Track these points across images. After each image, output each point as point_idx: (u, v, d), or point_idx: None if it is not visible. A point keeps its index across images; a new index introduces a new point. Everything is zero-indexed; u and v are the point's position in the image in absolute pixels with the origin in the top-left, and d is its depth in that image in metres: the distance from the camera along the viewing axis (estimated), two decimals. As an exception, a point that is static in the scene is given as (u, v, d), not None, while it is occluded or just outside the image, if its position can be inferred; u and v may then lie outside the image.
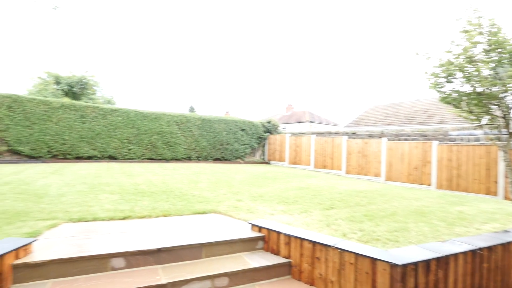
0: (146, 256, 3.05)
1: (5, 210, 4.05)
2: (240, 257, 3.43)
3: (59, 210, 4.27)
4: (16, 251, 2.64)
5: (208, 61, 80.00)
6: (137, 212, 4.49)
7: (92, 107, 14.55)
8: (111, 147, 14.74)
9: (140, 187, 6.71)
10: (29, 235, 3.18)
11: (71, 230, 3.56)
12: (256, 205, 5.41)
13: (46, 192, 5.49)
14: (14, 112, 12.31)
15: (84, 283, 2.65)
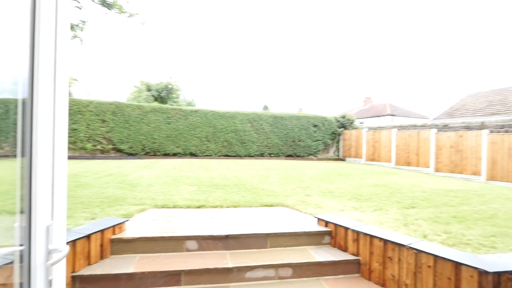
0: (215, 241, 3.27)
1: (108, 196, 4.86)
2: (305, 250, 3.38)
3: (148, 198, 4.92)
4: (113, 228, 3.14)
5: (282, 60, 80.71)
6: (211, 202, 4.84)
7: (176, 109, 16.25)
8: (192, 145, 16.21)
9: (215, 180, 7.22)
10: (124, 216, 3.75)
11: (155, 214, 4.07)
12: (325, 201, 5.24)
13: (139, 183, 6.39)
14: (116, 116, 14.66)
15: (164, 260, 3.00)
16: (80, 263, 2.72)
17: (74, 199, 4.47)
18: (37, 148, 0.91)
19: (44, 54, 0.93)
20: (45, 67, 0.93)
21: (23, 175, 0.92)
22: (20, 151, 0.92)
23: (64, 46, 1.00)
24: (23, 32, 0.90)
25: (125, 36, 54.56)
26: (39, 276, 0.91)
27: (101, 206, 4.19)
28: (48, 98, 0.95)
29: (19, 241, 0.91)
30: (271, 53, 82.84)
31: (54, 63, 0.97)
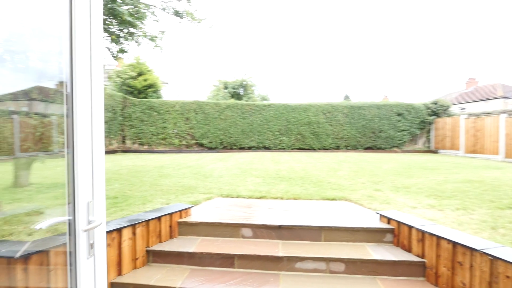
0: (269, 230, 3.39)
1: (183, 185, 5.49)
2: (363, 246, 3.20)
3: (215, 187, 5.36)
4: (180, 212, 3.58)
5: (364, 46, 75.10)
6: (272, 193, 4.98)
7: (250, 104, 16.94)
8: (265, 139, 16.70)
9: (281, 173, 7.34)
10: (192, 203, 4.20)
11: (219, 203, 4.43)
12: (396, 197, 4.79)
13: (211, 174, 6.99)
14: (198, 114, 16.17)
15: (221, 244, 3.27)
16: (152, 240, 3.20)
17: (156, 187, 5.21)
18: (77, 146, 1.16)
19: (81, 75, 1.17)
20: (82, 83, 1.17)
21: (69, 167, 1.19)
22: (66, 149, 1.19)
23: (98, 67, 1.23)
24: (66, 55, 1.16)
25: (204, 39, 59.45)
26: (82, 239, 1.17)
27: (176, 193, 4.78)
28: (86, 106, 1.20)
29: (68, 213, 1.19)
30: (352, 40, 77.78)
31: (90, 83, 1.21)
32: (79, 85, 1.17)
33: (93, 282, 1.24)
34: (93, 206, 1.22)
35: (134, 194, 4.62)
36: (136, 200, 4.21)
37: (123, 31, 5.27)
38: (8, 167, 4.95)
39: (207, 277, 2.86)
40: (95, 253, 1.24)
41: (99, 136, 1.26)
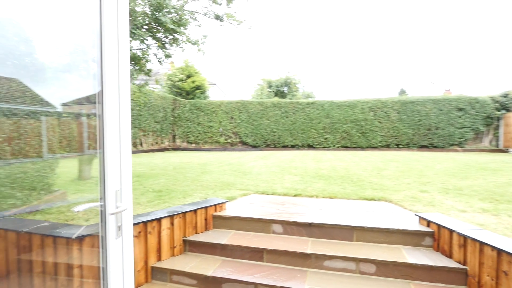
0: (299, 227, 3.42)
1: (222, 181, 5.75)
2: (398, 249, 3.05)
3: (252, 184, 5.51)
4: (215, 206, 3.79)
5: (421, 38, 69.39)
6: (308, 192, 4.96)
7: (293, 102, 16.85)
8: (309, 137, 16.47)
9: (321, 172, 7.23)
10: (228, 198, 4.40)
11: (254, 199, 4.56)
12: (444, 199, 4.43)
13: (250, 171, 7.17)
14: (241, 112, 16.58)
15: (252, 238, 3.40)
16: (189, 230, 3.46)
17: (197, 182, 5.54)
18: (107, 145, 1.37)
19: (110, 84, 1.37)
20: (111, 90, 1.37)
21: (100, 163, 1.40)
22: (98, 150, 1.40)
23: (125, 78, 1.42)
24: (97, 67, 1.37)
25: (248, 39, 60.51)
26: (111, 221, 1.38)
27: (214, 189, 5.04)
28: (114, 109, 1.40)
29: (100, 200, 1.40)
30: (409, 31, 72.32)
31: (121, 87, 1.40)
32: (108, 94, 1.37)
33: (121, 259, 1.44)
34: (120, 194, 1.42)
35: (177, 188, 4.99)
36: (178, 194, 4.54)
37: (168, 37, 5.70)
38: (74, 163, 5.66)
39: (237, 268, 3.01)
40: (122, 234, 1.44)
41: (126, 137, 1.46)
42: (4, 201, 3.66)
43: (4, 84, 4.61)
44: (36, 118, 5.01)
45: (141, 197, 4.29)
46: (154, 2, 5.17)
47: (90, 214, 3.20)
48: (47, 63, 4.89)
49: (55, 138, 5.27)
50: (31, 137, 4.72)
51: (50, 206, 3.39)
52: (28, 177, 4.39)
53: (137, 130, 13.54)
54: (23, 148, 4.60)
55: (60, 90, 5.55)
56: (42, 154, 5.33)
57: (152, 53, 5.77)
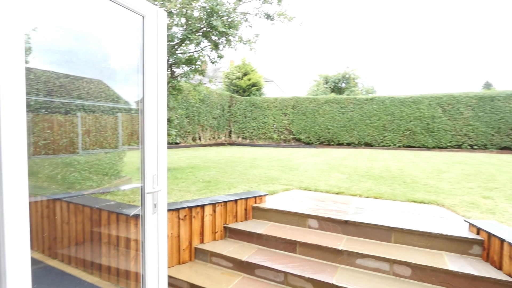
0: (335, 224, 3.44)
1: (268, 176, 5.97)
2: (440, 255, 2.88)
3: (296, 180, 5.61)
4: (255, 198, 4.02)
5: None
6: (352, 190, 4.87)
7: (350, 98, 16.19)
8: (366, 135, 15.67)
9: (372, 171, 6.93)
10: (270, 192, 4.59)
11: (295, 194, 4.67)
12: (509, 207, 3.94)
13: (297, 168, 7.24)
14: (295, 109, 16.56)
15: (287, 230, 3.54)
16: (229, 218, 3.75)
17: (243, 176, 5.86)
18: (146, 140, 1.67)
19: (150, 88, 1.67)
20: (150, 94, 1.67)
21: (141, 153, 1.71)
22: (140, 145, 1.71)
23: (162, 86, 1.71)
24: (139, 77, 1.68)
25: (304, 36, 59.39)
26: (148, 199, 1.68)
27: (259, 182, 5.28)
28: (153, 110, 1.69)
29: (140, 182, 1.71)
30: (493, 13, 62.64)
31: (158, 92, 1.70)
32: (147, 100, 1.67)
33: (156, 232, 1.74)
34: (157, 178, 1.72)
35: (224, 180, 5.37)
36: (224, 185, 4.90)
37: (220, 39, 6.10)
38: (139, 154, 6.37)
39: (270, 257, 3.19)
40: (158, 211, 1.74)
41: (162, 133, 1.76)
42: (83, 182, 4.46)
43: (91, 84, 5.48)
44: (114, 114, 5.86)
45: (191, 186, 4.75)
46: (208, 7, 5.59)
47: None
48: (117, 68, 5.68)
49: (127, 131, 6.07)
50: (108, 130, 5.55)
51: (117, 189, 4.02)
52: (102, 164, 5.22)
53: (196, 125, 14.60)
54: (98, 140, 5.47)
55: (132, 90, 6.29)
56: (117, 145, 6.21)
57: (206, 55, 6.24)
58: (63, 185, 4.31)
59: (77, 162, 5.03)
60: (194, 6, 5.76)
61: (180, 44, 5.91)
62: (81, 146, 5.39)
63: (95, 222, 3.31)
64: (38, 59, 5.14)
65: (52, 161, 4.75)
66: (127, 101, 6.27)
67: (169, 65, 5.97)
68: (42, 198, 3.79)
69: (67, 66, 5.23)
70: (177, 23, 5.78)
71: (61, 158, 4.87)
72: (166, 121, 1.78)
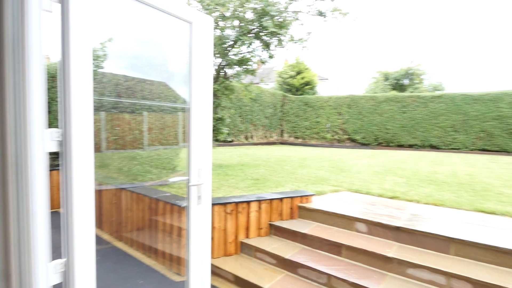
0: (385, 229, 3.25)
1: (316, 176, 5.86)
2: (509, 273, 2.52)
3: (347, 182, 5.40)
4: (301, 198, 4.00)
5: None
6: (408, 195, 4.51)
7: (413, 96, 14.90)
8: (432, 136, 14.26)
9: (434, 176, 6.31)
10: (318, 192, 4.51)
11: (344, 196, 4.51)
12: None
13: (349, 169, 6.95)
14: (351, 108, 15.84)
15: (333, 232, 3.46)
16: (274, 216, 3.80)
17: (291, 175, 5.85)
18: (191, 138, 1.81)
19: (196, 89, 1.80)
20: (196, 94, 1.81)
21: (188, 150, 1.86)
22: (188, 142, 1.86)
23: (208, 86, 1.83)
24: (188, 80, 1.82)
25: (359, 31, 56.00)
26: (193, 191, 1.82)
27: (306, 182, 5.22)
28: (199, 109, 1.83)
29: (187, 176, 1.86)
30: None
31: (204, 93, 1.83)
32: (194, 101, 1.81)
33: (200, 222, 1.88)
34: (201, 172, 1.85)
35: (272, 178, 5.43)
36: (271, 184, 4.97)
37: (271, 39, 6.17)
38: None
39: (313, 257, 3.16)
40: (201, 203, 1.87)
41: (207, 131, 1.88)
42: (145, 175, 4.94)
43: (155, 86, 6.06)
44: (175, 113, 6.35)
45: (240, 183, 4.92)
46: (260, 8, 5.70)
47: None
48: (176, 70, 6.13)
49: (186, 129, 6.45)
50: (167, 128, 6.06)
51: (169, 183, 4.38)
52: (161, 159, 5.71)
53: (249, 124, 14.96)
54: (158, 137, 5.99)
55: (187, 90, 6.64)
56: (177, 142, 6.73)
57: (257, 55, 6.37)
58: (128, 176, 4.87)
59: (140, 157, 5.62)
60: (246, 8, 5.94)
61: (233, 45, 6.14)
62: (144, 142, 6.02)
63: (153, 211, 3.66)
64: (111, 65, 5.84)
65: (120, 155, 5.40)
66: (185, 101, 6.77)
67: (222, 66, 6.26)
68: (111, 187, 4.32)
69: (134, 70, 5.88)
70: (230, 26, 6.02)
71: (127, 152, 5.50)
72: (211, 119, 1.90)
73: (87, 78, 1.22)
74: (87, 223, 1.25)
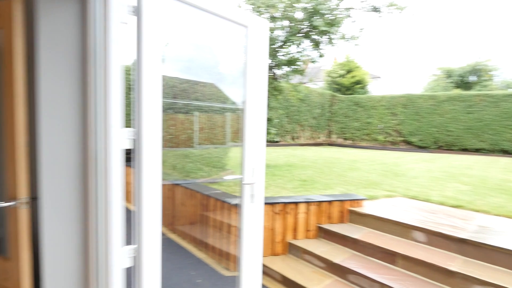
0: (447, 241, 2.98)
1: (368, 179, 5.59)
2: None
3: (402, 187, 5.05)
4: (352, 202, 3.85)
5: None
6: (475, 205, 4.07)
7: (481, 95, 13.36)
8: (504, 139, 12.65)
9: (506, 185, 5.59)
10: (369, 197, 4.30)
11: (399, 202, 4.23)
12: None
13: (404, 174, 6.49)
14: (407, 108, 14.75)
15: (387, 240, 3.27)
16: (323, 219, 3.72)
17: (341, 177, 5.66)
18: (245, 139, 1.87)
19: (251, 90, 1.85)
20: (251, 96, 1.86)
21: (242, 149, 1.92)
22: (242, 142, 1.92)
23: (263, 88, 1.87)
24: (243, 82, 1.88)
25: (418, 26, 51.06)
26: (246, 189, 1.88)
27: (357, 186, 5.01)
28: (253, 110, 1.88)
29: (240, 175, 1.92)
30: None
31: (258, 94, 1.87)
32: (248, 102, 1.86)
33: (252, 220, 1.93)
34: (255, 171, 1.90)
35: (321, 180, 5.32)
36: (320, 186, 4.87)
37: (322, 38, 6.05)
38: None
39: (365, 265, 3.02)
40: (254, 201, 1.92)
41: (261, 132, 1.93)
42: (197, 172, 5.20)
43: (205, 87, 6.39)
44: (223, 113, 6.62)
45: (288, 184, 4.91)
46: (311, 7, 5.62)
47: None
48: (226, 72, 6.36)
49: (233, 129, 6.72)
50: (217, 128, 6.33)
51: (222, 180, 4.55)
52: (211, 157, 5.96)
53: (295, 125, 14.82)
54: (209, 136, 6.25)
55: (238, 91, 6.91)
56: (225, 141, 6.99)
57: (306, 54, 6.29)
58: (182, 173, 5.18)
59: (193, 155, 5.94)
60: (296, 8, 5.91)
61: (282, 46, 6.15)
62: (195, 141, 6.35)
63: (204, 207, 3.84)
64: (168, 68, 6.25)
65: (174, 153, 5.77)
66: (234, 102, 6.99)
67: (271, 67, 6.30)
68: (167, 182, 4.64)
69: (188, 72, 6.24)
70: (279, 27, 6.04)
71: (181, 150, 5.86)
72: (265, 120, 1.94)
73: (156, 82, 1.33)
74: (155, 212, 1.37)
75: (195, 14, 1.73)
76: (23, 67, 1.50)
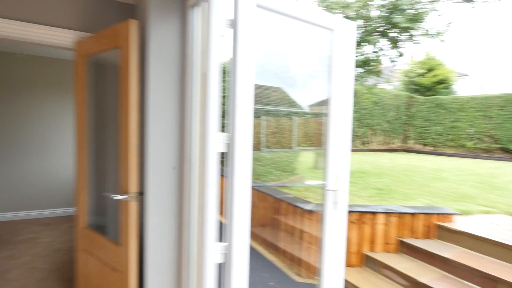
0: None
1: (457, 192, 4.92)
2: None
3: (503, 203, 4.31)
4: (439, 216, 3.44)
5: None
6: None
7: None
8: None
9: None
10: (461, 211, 3.79)
11: (500, 220, 3.61)
12: None
13: (504, 187, 5.51)
14: (504, 110, 12.58)
15: (486, 262, 2.82)
16: (404, 232, 3.41)
17: (424, 188, 5.11)
18: (329, 145, 1.83)
19: (336, 95, 1.81)
20: (336, 100, 1.81)
21: (325, 156, 1.88)
22: (325, 146, 1.89)
23: (348, 92, 1.82)
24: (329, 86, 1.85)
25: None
26: (329, 196, 1.83)
27: (445, 198, 4.46)
28: (338, 114, 1.83)
29: (323, 181, 1.88)
30: None
31: (344, 99, 1.82)
32: (332, 105, 1.82)
33: (335, 229, 1.87)
34: (338, 178, 1.84)
35: (399, 190, 4.89)
36: (398, 195, 4.48)
37: (401, 35, 5.59)
38: (312, 155, 6.95)
39: (458, 288, 2.66)
40: (337, 209, 1.86)
41: (346, 137, 1.86)
42: (267, 175, 5.30)
43: (274, 92, 6.52)
44: (290, 117, 6.66)
45: (362, 191, 4.64)
46: (390, 3, 5.26)
47: (317, 196, 3.96)
48: (295, 76, 6.37)
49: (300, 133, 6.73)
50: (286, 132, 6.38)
51: (293, 185, 4.54)
52: (280, 161, 6.00)
53: (367, 129, 13.93)
54: (278, 140, 6.31)
55: (306, 95, 6.97)
56: (292, 146, 7.00)
57: (382, 54, 5.89)
58: (253, 176, 5.33)
59: (263, 158, 6.07)
60: (371, 5, 5.59)
61: (356, 47, 5.88)
62: (264, 145, 6.49)
63: (275, 210, 3.88)
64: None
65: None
66: (301, 106, 6.94)
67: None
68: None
69: (260, 78, 6.42)
70: (354, 27, 5.79)
71: (254, 154, 6.06)
72: (350, 125, 1.87)
73: (249, 90, 1.40)
74: (244, 211, 1.44)
75: (274, 21, 1.78)
76: (137, 80, 1.74)
